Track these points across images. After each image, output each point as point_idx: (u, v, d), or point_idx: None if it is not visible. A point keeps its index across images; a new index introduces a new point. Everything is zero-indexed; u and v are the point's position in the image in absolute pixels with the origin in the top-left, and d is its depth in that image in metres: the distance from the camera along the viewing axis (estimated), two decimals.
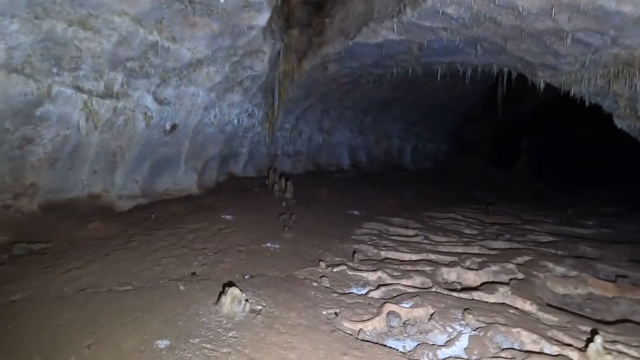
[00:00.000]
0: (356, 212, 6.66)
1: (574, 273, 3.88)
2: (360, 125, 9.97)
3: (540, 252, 4.53)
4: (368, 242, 4.74)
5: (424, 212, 7.19)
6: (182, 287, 2.86)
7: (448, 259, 4.19)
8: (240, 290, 2.64)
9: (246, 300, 2.59)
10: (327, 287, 3.30)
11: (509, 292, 3.25)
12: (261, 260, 3.83)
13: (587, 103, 4.77)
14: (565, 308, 3.25)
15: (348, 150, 9.98)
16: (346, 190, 8.13)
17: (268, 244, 4.31)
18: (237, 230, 4.63)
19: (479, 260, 4.11)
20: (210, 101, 5.40)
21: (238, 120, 6.38)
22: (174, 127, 5.20)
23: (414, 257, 4.28)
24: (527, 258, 4.22)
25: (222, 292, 2.65)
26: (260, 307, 2.67)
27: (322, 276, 3.51)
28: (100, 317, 2.34)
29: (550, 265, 4.04)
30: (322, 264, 3.81)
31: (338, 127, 9.35)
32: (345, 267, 3.76)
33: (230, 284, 2.76)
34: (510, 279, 3.63)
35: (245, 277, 3.27)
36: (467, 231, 5.80)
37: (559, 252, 4.54)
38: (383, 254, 4.39)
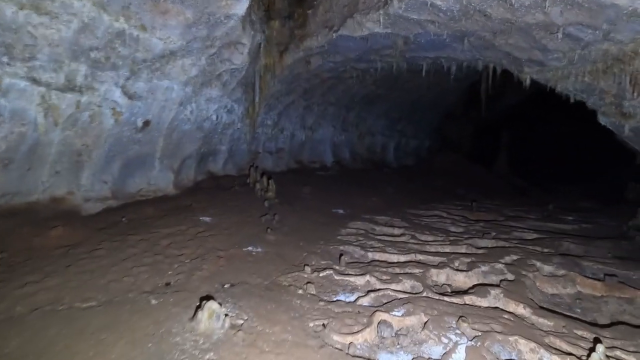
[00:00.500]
0: (341, 211, 6.49)
1: (562, 272, 3.84)
2: (344, 122, 9.79)
3: (527, 250, 4.48)
4: (354, 243, 4.57)
5: (408, 209, 7.10)
6: (154, 301, 2.59)
7: (437, 259, 4.07)
8: (219, 303, 2.40)
9: (226, 315, 2.36)
10: (313, 294, 3.10)
11: (501, 295, 3.14)
12: (242, 265, 3.59)
13: (572, 100, 4.75)
14: (556, 309, 3.18)
15: (331, 147, 9.80)
16: (330, 188, 7.95)
17: (250, 248, 4.07)
18: (217, 233, 4.35)
19: (468, 260, 4.01)
20: (186, 96, 5.07)
21: (217, 117, 6.06)
22: (146, 123, 4.85)
23: (402, 258, 4.14)
24: (515, 257, 4.16)
25: (199, 307, 2.40)
26: (242, 322, 2.44)
27: (307, 282, 3.31)
28: (57, 342, 2.06)
29: (538, 264, 3.98)
30: (308, 269, 3.61)
31: (321, 124, 9.14)
32: (331, 272, 3.57)
33: (208, 298, 2.52)
34: (501, 280, 3.54)
35: (225, 286, 3.02)
36: (453, 229, 5.72)
37: (545, 250, 4.52)
38: (370, 255, 4.23)
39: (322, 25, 5.22)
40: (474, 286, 3.43)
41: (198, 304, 2.47)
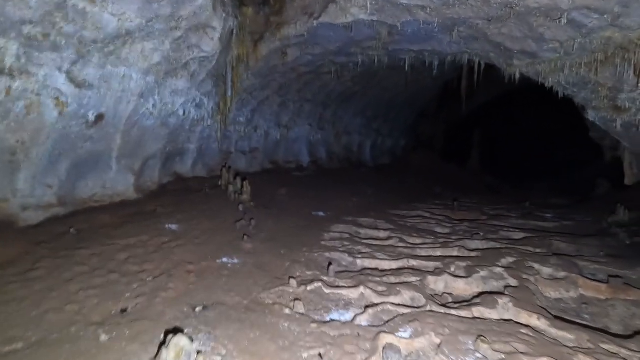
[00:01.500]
0: (321, 214, 6.06)
1: (562, 274, 3.62)
2: (320, 120, 9.39)
3: (519, 251, 4.26)
4: (340, 249, 4.16)
5: (390, 210, 6.80)
6: (104, 337, 2.03)
7: (431, 264, 3.74)
8: (190, 337, 1.89)
9: (198, 353, 1.86)
10: (302, 314, 2.65)
11: (510, 305, 2.84)
12: (217, 281, 3.07)
13: (560, 94, 4.62)
14: (566, 317, 2.93)
15: (307, 147, 9.35)
16: (308, 189, 7.51)
17: (224, 259, 3.55)
18: (185, 243, 3.79)
19: (464, 264, 3.72)
20: (147, 87, 4.44)
21: (184, 112, 5.43)
22: (100, 117, 4.18)
23: (394, 264, 3.78)
24: (510, 259, 3.90)
25: (162, 343, 1.88)
26: (219, 359, 1.94)
27: (295, 299, 2.85)
28: None
29: (537, 266, 3.75)
30: (293, 282, 3.15)
31: (297, 122, 8.67)
32: (320, 284, 3.13)
33: (176, 330, 2.00)
34: (505, 287, 3.25)
35: (197, 309, 2.50)
36: (439, 230, 5.47)
37: (538, 250, 4.31)
38: (360, 262, 3.84)
39: (302, 12, 4.78)
40: (478, 295, 3.12)
41: (162, 339, 1.94)
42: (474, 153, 13.19)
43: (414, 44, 5.32)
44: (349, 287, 3.13)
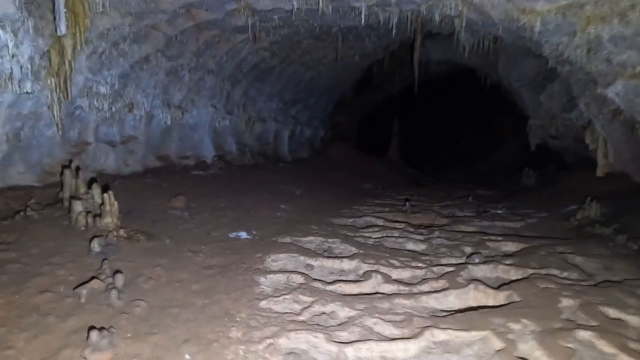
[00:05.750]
0: (244, 235, 4.00)
1: (636, 320, 2.41)
2: (227, 101, 7.09)
3: (552, 280, 2.94)
4: (298, 319, 2.25)
5: (332, 218, 5.13)
6: None
7: (476, 338, 2.13)
8: None
9: None
10: None
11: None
12: None
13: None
14: None
15: (211, 137, 6.98)
16: (217, 195, 5.30)
17: None
18: None
19: (516, 326, 2.20)
20: None
21: None
22: None
23: (415, 346, 2.03)
24: (568, 303, 2.49)
25: None
26: None
27: None
28: None
29: (604, 309, 2.47)
30: None
31: (195, 101, 6.23)
32: None
33: None
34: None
35: None
36: (413, 247, 4.03)
37: (565, 275, 3.11)
38: (350, 354, 1.98)
39: None
40: None
41: None
42: (393, 144, 12.52)
43: None
44: None
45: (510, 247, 3.96)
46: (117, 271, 2.35)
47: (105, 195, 3.22)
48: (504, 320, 2.21)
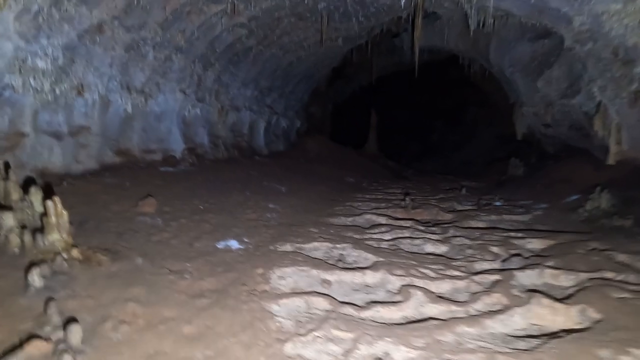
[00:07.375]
0: (235, 245, 3.28)
1: None
2: (199, 86, 6.18)
3: (598, 280, 2.56)
4: None
5: (329, 218, 4.55)
6: None
7: None
8: None
9: None
10: None
11: None
12: None
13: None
14: None
15: (180, 127, 6.05)
16: (193, 195, 4.51)
17: None
18: None
19: (609, 352, 1.74)
20: None
21: None
22: None
23: None
24: (623, 300, 2.15)
25: None
26: None
27: None
28: None
29: None
30: None
31: (161, 85, 5.29)
32: None
33: None
34: None
35: None
36: (433, 249, 3.56)
37: (618, 277, 2.73)
38: None
39: None
40: None
41: None
42: (371, 136, 12.07)
43: None
44: None
45: (536, 244, 3.57)
46: (71, 318, 1.57)
47: (48, 202, 2.35)
48: (609, 352, 1.72)
